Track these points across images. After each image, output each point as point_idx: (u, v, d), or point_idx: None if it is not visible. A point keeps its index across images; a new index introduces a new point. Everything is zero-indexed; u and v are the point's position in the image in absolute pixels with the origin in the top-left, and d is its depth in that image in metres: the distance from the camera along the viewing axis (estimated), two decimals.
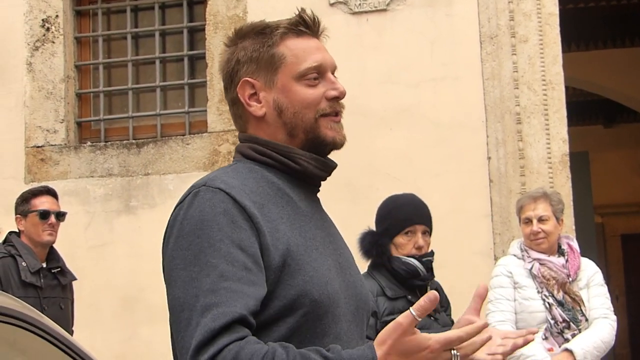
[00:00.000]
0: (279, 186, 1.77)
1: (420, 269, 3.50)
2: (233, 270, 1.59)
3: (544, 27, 5.32)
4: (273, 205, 1.72)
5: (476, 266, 5.14)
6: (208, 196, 1.67)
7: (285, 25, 1.83)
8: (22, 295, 4.07)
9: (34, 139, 6.00)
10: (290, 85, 1.80)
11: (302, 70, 1.80)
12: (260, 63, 1.81)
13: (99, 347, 5.09)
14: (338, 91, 1.82)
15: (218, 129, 5.75)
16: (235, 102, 1.85)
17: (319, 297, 1.67)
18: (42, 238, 4.54)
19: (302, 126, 1.79)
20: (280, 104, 1.80)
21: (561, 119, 5.25)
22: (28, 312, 2.71)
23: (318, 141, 1.80)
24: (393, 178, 5.33)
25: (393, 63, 5.52)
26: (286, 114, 1.80)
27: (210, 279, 1.58)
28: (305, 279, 1.66)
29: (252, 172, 1.78)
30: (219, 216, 1.63)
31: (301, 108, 1.79)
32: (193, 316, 1.57)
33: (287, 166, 1.80)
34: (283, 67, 1.80)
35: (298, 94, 1.80)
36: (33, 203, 4.58)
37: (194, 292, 1.58)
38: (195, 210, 1.66)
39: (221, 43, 5.78)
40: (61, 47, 6.06)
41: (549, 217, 4.24)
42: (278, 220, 1.70)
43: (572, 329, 4.11)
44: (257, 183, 1.75)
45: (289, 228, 1.71)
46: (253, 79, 1.81)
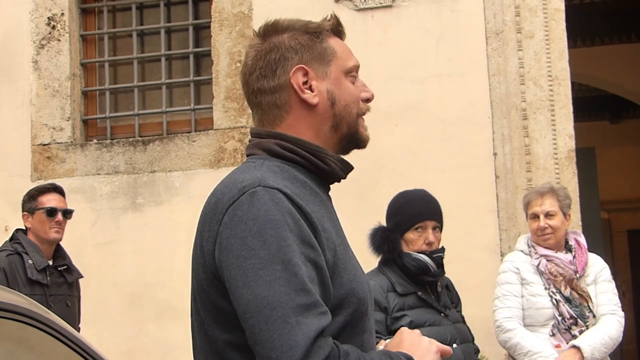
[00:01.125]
0: (310, 185, 1.79)
1: (430, 265, 3.50)
2: (310, 270, 1.62)
3: (550, 22, 5.30)
4: (312, 205, 1.73)
5: (482, 262, 5.13)
6: (268, 196, 1.65)
7: (328, 24, 1.90)
8: (29, 293, 4.08)
9: (40, 136, 6.01)
10: (341, 78, 1.86)
11: (350, 66, 1.88)
12: (314, 53, 1.84)
13: (106, 343, 5.10)
14: (371, 94, 1.91)
15: (224, 126, 5.75)
16: (281, 88, 1.83)
17: (362, 295, 1.72)
18: (49, 235, 4.54)
19: (348, 120, 1.85)
20: (333, 95, 1.84)
21: (567, 115, 5.24)
22: (35, 309, 2.72)
23: (355, 137, 1.87)
24: (399, 174, 5.33)
25: (398, 59, 5.51)
26: (338, 106, 1.84)
27: (299, 278, 1.58)
28: (350, 278, 1.71)
29: (283, 171, 1.77)
30: (286, 216, 1.63)
31: (350, 102, 1.86)
32: (289, 314, 1.55)
33: (315, 165, 1.81)
34: (335, 60, 1.86)
35: (348, 88, 1.86)
36: (40, 200, 4.58)
37: (284, 291, 1.57)
38: (260, 210, 1.63)
39: (227, 40, 5.79)
40: (67, 45, 6.07)
41: (556, 212, 4.23)
42: (322, 219, 1.72)
43: (579, 325, 4.10)
44: (293, 183, 1.75)
45: (329, 227, 1.74)
46: (309, 68, 1.83)
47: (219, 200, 1.70)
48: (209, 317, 1.71)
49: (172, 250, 5.66)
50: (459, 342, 3.51)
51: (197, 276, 1.74)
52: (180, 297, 5.59)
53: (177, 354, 5.48)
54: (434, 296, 3.56)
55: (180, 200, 5.72)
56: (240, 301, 1.61)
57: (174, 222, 5.67)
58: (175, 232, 5.67)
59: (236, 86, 5.73)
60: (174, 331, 5.53)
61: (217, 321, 1.70)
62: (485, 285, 4.62)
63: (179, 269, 5.60)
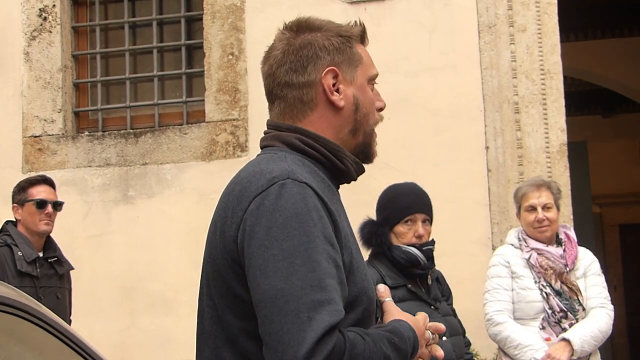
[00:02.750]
0: (328, 183, 1.80)
1: (420, 257, 3.49)
2: (330, 268, 1.62)
3: (543, 16, 5.30)
4: (331, 202, 1.74)
5: (474, 255, 5.14)
6: (296, 190, 1.66)
7: (359, 30, 1.93)
8: (18, 285, 4.05)
9: (31, 128, 5.99)
10: (364, 86, 1.89)
11: (373, 74, 1.91)
12: (344, 57, 1.86)
13: (97, 336, 5.09)
14: (384, 104, 1.93)
15: (216, 118, 5.74)
16: (310, 85, 1.83)
17: (372, 294, 1.77)
18: (39, 227, 4.52)
19: (365, 128, 1.88)
20: (358, 101, 1.86)
21: (559, 109, 5.25)
22: (26, 302, 2.71)
23: (368, 148, 1.90)
24: (391, 167, 5.32)
25: (391, 53, 5.51)
26: (360, 112, 1.86)
27: (317, 275, 1.59)
28: (362, 277, 1.74)
29: (305, 165, 1.78)
30: (312, 211, 1.65)
31: (369, 111, 1.89)
32: (302, 309, 1.56)
33: (333, 164, 1.82)
34: (361, 67, 1.88)
35: (368, 96, 1.89)
36: (30, 192, 4.56)
37: (300, 285, 1.58)
38: (287, 202, 1.64)
39: (219, 32, 5.77)
40: (58, 37, 6.05)
41: (552, 205, 4.24)
42: (340, 217, 1.74)
43: (569, 318, 4.11)
44: (315, 178, 1.75)
45: (346, 225, 1.77)
46: (339, 70, 1.85)
47: (245, 189, 1.71)
48: (224, 303, 1.72)
49: (164, 243, 5.65)
50: (449, 335, 3.51)
51: (213, 262, 1.75)
52: (171, 289, 5.59)
53: (169, 346, 5.48)
54: (424, 289, 3.56)
55: (171, 192, 5.72)
56: (257, 290, 1.62)
57: (166, 215, 5.66)
58: (166, 225, 5.66)
59: (228, 78, 5.72)
60: (165, 324, 5.53)
61: (232, 308, 1.71)
62: (476, 278, 4.63)
63: (171, 262, 5.60)
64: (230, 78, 5.71)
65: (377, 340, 1.64)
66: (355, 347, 1.58)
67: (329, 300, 1.57)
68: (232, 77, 5.70)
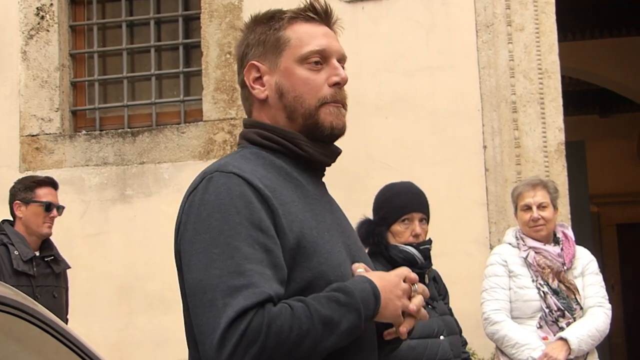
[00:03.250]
0: (286, 170, 1.79)
1: (417, 257, 3.49)
2: (255, 253, 1.61)
3: (540, 15, 5.30)
4: (284, 189, 1.74)
5: (471, 255, 5.14)
6: (222, 180, 1.68)
7: (294, 10, 1.86)
8: (15, 284, 4.05)
9: (28, 127, 5.98)
10: (292, 68, 1.82)
11: (305, 53, 1.82)
12: (267, 46, 1.84)
13: (95, 335, 5.09)
14: (340, 77, 1.83)
15: (213, 117, 5.74)
16: (243, 85, 1.88)
17: (334, 278, 1.70)
18: (42, 230, 4.53)
19: (301, 111, 1.81)
20: (281, 87, 1.82)
21: (557, 108, 5.25)
22: (23, 301, 2.70)
23: (316, 127, 1.81)
24: (389, 167, 5.33)
25: (389, 52, 5.50)
26: (287, 97, 1.82)
27: (235, 260, 1.60)
28: (321, 261, 1.70)
29: (260, 157, 1.80)
30: (236, 199, 1.65)
31: (302, 92, 1.81)
32: (218, 297, 1.58)
33: (293, 152, 1.81)
34: (287, 50, 1.82)
35: (300, 77, 1.81)
36: (37, 193, 4.56)
37: (217, 274, 1.60)
38: (211, 194, 1.67)
39: (217, 31, 5.77)
40: (56, 36, 6.04)
41: (548, 204, 4.24)
42: (290, 203, 1.72)
43: (566, 317, 4.11)
44: (265, 168, 1.76)
45: (301, 211, 1.73)
46: (259, 62, 1.84)
47: (188, 189, 1.77)
48: (184, 302, 1.76)
49: (162, 242, 5.61)
50: (446, 334, 3.51)
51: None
52: (169, 288, 5.57)
53: (167, 345, 5.48)
54: None
55: (169, 191, 5.71)
56: (185, 285, 1.68)
57: (163, 214, 5.65)
58: (164, 224, 5.63)
59: (226, 77, 5.72)
60: (163, 323, 5.52)
61: (185, 305, 1.75)
62: (474, 278, 4.62)
63: (168, 261, 5.57)
64: (228, 77, 5.71)
65: (313, 304, 1.61)
66: (275, 321, 1.55)
67: (247, 284, 1.57)
68: (230, 76, 5.70)
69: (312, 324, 1.58)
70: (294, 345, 1.56)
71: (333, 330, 1.60)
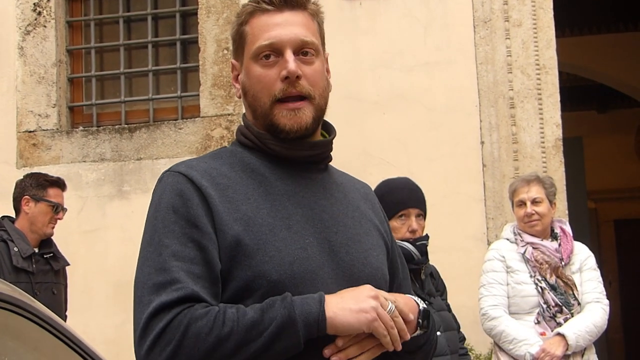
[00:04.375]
0: (254, 168, 1.75)
1: (414, 252, 3.49)
2: (186, 251, 1.61)
3: (538, 11, 5.30)
4: (241, 187, 1.71)
5: (469, 250, 5.14)
6: (169, 180, 1.70)
7: (252, 2, 1.77)
8: (14, 281, 4.05)
9: (25, 123, 5.97)
10: (249, 65, 1.76)
11: (255, 49, 1.74)
12: (237, 43, 1.81)
13: (92, 332, 5.09)
14: (286, 70, 1.71)
15: (210, 113, 5.73)
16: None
17: (278, 277, 1.62)
18: (46, 230, 4.54)
19: (260, 111, 1.75)
20: (244, 86, 1.78)
21: (555, 104, 5.25)
22: (20, 297, 2.70)
23: (274, 128, 1.74)
24: (386, 163, 5.32)
25: (386, 47, 5.50)
26: (248, 97, 1.77)
27: (162, 257, 1.61)
28: (264, 260, 1.63)
29: (232, 155, 1.78)
30: (175, 198, 1.66)
31: (257, 91, 1.74)
32: (145, 293, 1.60)
33: (262, 149, 1.78)
34: (246, 46, 1.77)
35: (254, 75, 1.75)
36: (49, 193, 4.56)
37: (147, 271, 1.63)
38: (157, 194, 1.71)
39: (214, 27, 5.76)
40: (53, 32, 6.03)
41: (542, 199, 4.24)
42: (243, 200, 1.69)
43: (564, 313, 4.11)
44: (231, 166, 1.75)
45: (254, 208, 1.69)
46: (235, 60, 1.83)
47: None
48: None
49: None
50: (443, 330, 3.51)
51: None
52: None
53: None
54: (417, 284, 3.55)
55: None
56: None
57: None
58: None
59: (223, 73, 5.71)
60: None
61: None
62: (472, 274, 4.63)
63: None
64: (225, 73, 5.70)
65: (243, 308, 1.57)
66: (196, 322, 1.54)
67: (171, 280, 1.58)
68: (227, 71, 5.69)
69: (235, 327, 1.54)
70: (213, 347, 1.54)
71: (260, 334, 1.55)
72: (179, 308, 1.55)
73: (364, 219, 1.86)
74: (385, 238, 1.91)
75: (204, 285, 1.60)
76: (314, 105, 1.75)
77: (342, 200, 1.85)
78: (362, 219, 1.86)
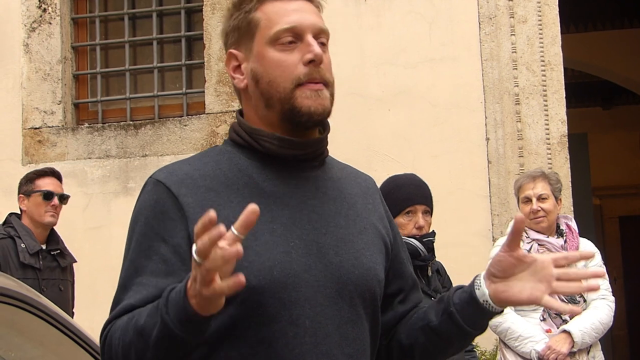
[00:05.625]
0: (241, 168, 1.70)
1: (420, 249, 3.48)
2: (149, 265, 1.63)
3: (543, 7, 5.29)
4: (224, 189, 1.66)
5: (474, 247, 5.14)
6: (148, 188, 1.70)
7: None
8: (21, 277, 4.06)
9: (31, 120, 5.98)
10: (264, 51, 1.70)
11: (273, 33, 1.69)
12: (241, 32, 1.74)
13: (97, 328, 5.08)
14: (313, 53, 1.67)
15: (216, 110, 5.74)
16: (229, 75, 1.80)
17: (257, 283, 1.57)
18: (44, 219, 4.53)
19: (278, 96, 1.68)
20: (256, 73, 1.71)
21: (560, 100, 5.24)
22: (27, 293, 2.71)
23: (294, 112, 1.67)
24: (391, 159, 5.32)
25: (391, 44, 5.50)
26: (262, 84, 1.70)
27: (127, 273, 1.66)
28: (244, 265, 1.53)
29: (221, 154, 1.74)
30: (148, 209, 1.67)
31: (275, 76, 1.68)
32: (113, 307, 1.67)
33: (252, 147, 1.72)
34: (258, 33, 1.71)
35: (272, 60, 1.69)
36: (37, 184, 4.57)
37: (119, 284, 1.68)
38: (138, 202, 1.72)
39: (219, 24, 5.76)
40: (58, 28, 6.04)
41: (548, 195, 4.23)
42: (225, 204, 1.63)
43: None
44: (216, 166, 1.70)
45: (236, 212, 1.48)
46: (236, 50, 1.75)
47: None
48: None
49: None
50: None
51: None
52: None
53: None
54: (424, 280, 3.55)
55: None
56: None
57: None
58: None
59: None
60: None
61: None
62: (477, 270, 4.57)
63: None
64: None
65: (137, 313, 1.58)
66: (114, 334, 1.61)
67: (124, 298, 1.64)
68: None
69: (133, 335, 1.55)
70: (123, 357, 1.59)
71: (147, 340, 1.52)
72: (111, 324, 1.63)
73: (358, 217, 1.80)
74: (384, 233, 1.85)
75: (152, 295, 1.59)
76: (330, 93, 1.71)
77: (336, 198, 1.78)
78: (357, 217, 1.80)
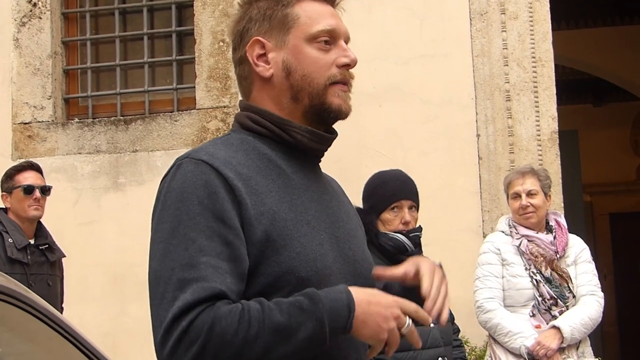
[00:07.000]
0: (270, 158, 1.73)
1: (407, 244, 3.49)
2: (212, 245, 1.56)
3: (534, 4, 5.30)
4: (262, 178, 1.68)
5: (465, 243, 5.14)
6: (190, 168, 1.64)
7: None
8: (9, 272, 4.04)
9: (21, 115, 5.96)
10: (301, 46, 1.76)
11: (315, 32, 1.77)
12: (273, 22, 1.78)
13: (88, 324, 5.08)
14: (349, 58, 1.78)
15: (206, 105, 5.73)
16: (243, 61, 1.80)
17: (306, 274, 1.63)
18: (28, 213, 4.52)
19: (309, 90, 1.75)
20: (289, 65, 1.76)
21: (551, 97, 5.25)
22: (15, 288, 2.70)
23: (323, 108, 1.76)
24: (382, 155, 5.32)
25: (382, 40, 5.49)
26: (294, 76, 1.75)
27: (189, 252, 1.56)
28: (292, 256, 1.62)
29: (244, 143, 1.74)
30: (200, 188, 1.60)
31: (310, 71, 1.75)
32: (169, 289, 1.54)
33: (281, 137, 1.76)
34: (296, 28, 1.77)
35: (309, 56, 1.76)
36: (17, 179, 4.56)
37: (170, 266, 1.56)
38: (177, 182, 1.63)
39: (210, 19, 5.75)
40: (48, 23, 6.01)
41: (537, 191, 4.24)
42: (266, 193, 1.66)
43: (559, 305, 4.12)
44: (247, 155, 1.71)
45: (277, 201, 1.66)
46: (264, 38, 1.78)
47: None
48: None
49: None
50: (436, 322, 3.51)
51: None
52: None
53: None
54: None
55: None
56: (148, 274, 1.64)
57: None
58: None
59: (219, 65, 5.70)
60: None
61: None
62: (467, 266, 4.63)
63: None
64: (221, 65, 5.69)
65: (270, 308, 1.54)
66: (220, 322, 1.50)
67: (198, 278, 1.53)
68: (223, 64, 5.68)
69: (262, 329, 1.51)
70: (239, 349, 1.51)
71: (287, 339, 1.52)
72: (202, 306, 1.51)
73: (352, 213, 1.92)
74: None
75: (229, 282, 1.56)
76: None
77: (334, 194, 1.88)
78: (351, 212, 1.91)
